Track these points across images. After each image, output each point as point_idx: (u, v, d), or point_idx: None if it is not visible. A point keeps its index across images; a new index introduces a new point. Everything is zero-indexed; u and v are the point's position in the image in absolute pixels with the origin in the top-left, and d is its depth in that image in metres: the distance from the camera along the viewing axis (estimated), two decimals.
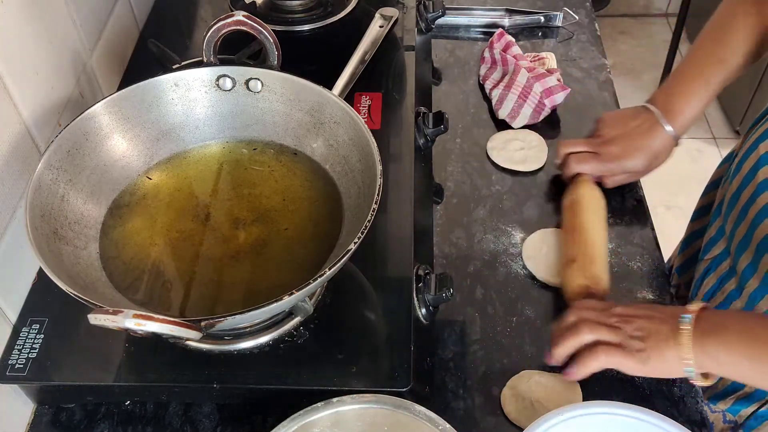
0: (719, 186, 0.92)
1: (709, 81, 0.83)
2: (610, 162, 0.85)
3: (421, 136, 0.87)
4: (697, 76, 0.84)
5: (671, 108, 0.84)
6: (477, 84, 1.05)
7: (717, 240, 0.84)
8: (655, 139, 0.84)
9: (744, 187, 0.78)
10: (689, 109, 0.83)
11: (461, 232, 0.86)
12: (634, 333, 0.67)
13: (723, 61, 0.82)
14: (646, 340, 0.66)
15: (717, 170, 0.98)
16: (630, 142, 0.85)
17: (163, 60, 0.88)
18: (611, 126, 0.87)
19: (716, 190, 0.94)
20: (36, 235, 0.60)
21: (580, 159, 0.85)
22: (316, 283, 0.57)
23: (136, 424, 0.69)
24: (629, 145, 0.84)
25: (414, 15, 1.01)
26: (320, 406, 0.60)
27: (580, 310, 0.71)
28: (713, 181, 0.97)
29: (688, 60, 0.86)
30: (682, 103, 0.84)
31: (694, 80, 0.84)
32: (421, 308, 0.72)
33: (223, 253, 0.69)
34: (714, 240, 0.85)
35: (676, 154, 0.89)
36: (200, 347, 0.68)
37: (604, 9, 2.67)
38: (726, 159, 0.96)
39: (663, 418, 0.60)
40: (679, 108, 0.84)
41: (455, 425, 0.59)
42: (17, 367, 0.66)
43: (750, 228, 0.76)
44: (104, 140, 0.71)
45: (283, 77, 0.74)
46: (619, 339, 0.67)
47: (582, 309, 0.71)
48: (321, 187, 0.72)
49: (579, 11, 1.14)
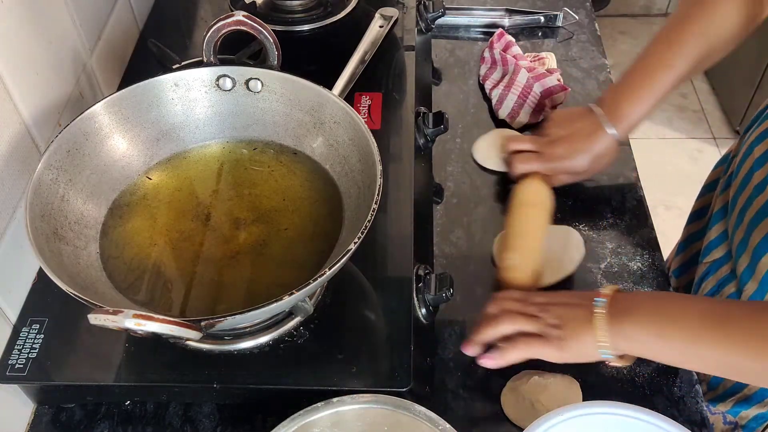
0: (715, 188, 0.92)
1: (656, 86, 0.83)
2: (552, 163, 0.85)
3: (421, 136, 0.87)
4: (645, 80, 0.83)
5: (616, 112, 0.84)
6: (477, 84, 1.05)
7: (718, 244, 0.84)
8: (599, 142, 0.84)
9: (741, 190, 0.78)
10: (634, 114, 0.83)
11: (461, 232, 0.86)
12: (552, 321, 0.68)
13: (671, 67, 0.82)
14: (564, 327, 0.67)
15: (712, 172, 0.98)
16: (573, 144, 0.85)
17: (163, 60, 0.88)
18: (558, 125, 0.87)
19: (712, 192, 0.94)
20: (36, 235, 0.60)
21: (523, 159, 0.86)
22: (316, 283, 0.57)
23: (136, 424, 0.69)
24: (572, 147, 0.85)
25: (414, 15, 1.01)
26: (320, 406, 0.60)
27: (501, 301, 0.72)
28: (708, 184, 0.97)
29: (639, 62, 0.85)
30: (627, 107, 0.83)
31: (642, 85, 0.83)
32: (421, 308, 0.72)
33: (223, 253, 0.69)
34: (714, 243, 0.85)
35: (676, 154, 0.89)
36: (200, 347, 0.68)
37: (604, 9, 2.67)
38: (721, 161, 0.96)
39: (663, 418, 0.60)
40: (623, 112, 0.83)
41: (455, 425, 0.59)
42: (17, 367, 0.66)
43: (747, 231, 0.76)
44: (104, 140, 0.71)
45: (283, 77, 0.74)
46: (537, 328, 0.68)
47: (503, 299, 0.72)
48: (321, 187, 0.72)
49: (579, 11, 1.14)
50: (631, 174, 0.92)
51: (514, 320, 0.69)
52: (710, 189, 0.95)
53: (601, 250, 0.84)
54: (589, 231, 0.86)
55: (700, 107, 2.48)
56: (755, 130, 0.80)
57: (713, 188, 0.94)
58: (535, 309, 0.69)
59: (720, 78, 2.47)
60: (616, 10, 2.76)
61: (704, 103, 2.49)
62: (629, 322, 0.65)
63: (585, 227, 0.86)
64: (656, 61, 0.83)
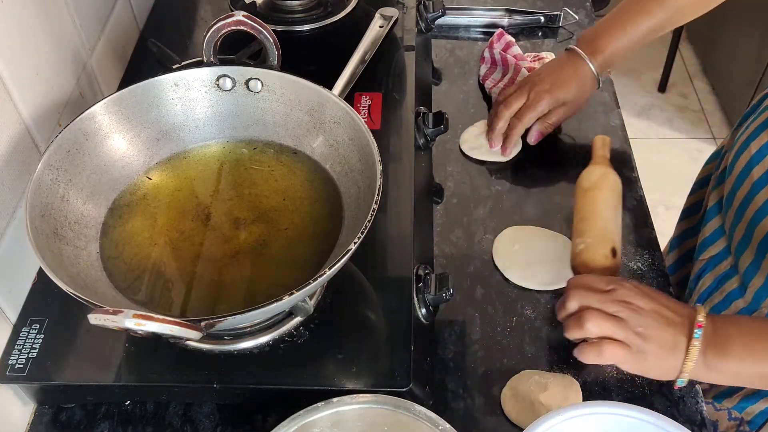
0: (707, 184, 0.92)
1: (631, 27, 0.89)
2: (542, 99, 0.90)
3: (421, 136, 0.87)
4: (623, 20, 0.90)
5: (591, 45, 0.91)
6: (477, 84, 1.05)
7: (714, 240, 0.84)
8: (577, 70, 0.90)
9: (738, 186, 0.78)
10: (608, 48, 0.90)
11: (461, 232, 0.86)
12: (638, 329, 0.65)
13: (649, 12, 0.88)
14: (649, 340, 0.65)
15: (704, 168, 0.98)
16: (557, 76, 0.91)
17: (163, 60, 0.88)
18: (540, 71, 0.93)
19: (704, 188, 0.94)
20: (36, 235, 0.60)
21: (520, 116, 0.91)
22: (316, 283, 0.57)
23: (136, 424, 0.69)
24: (557, 79, 0.91)
25: (414, 15, 1.01)
26: (320, 406, 0.60)
27: (580, 293, 0.68)
28: (700, 180, 0.97)
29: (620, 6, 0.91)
30: (602, 42, 0.90)
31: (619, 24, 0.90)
32: (421, 308, 0.72)
33: (223, 253, 0.69)
34: (710, 240, 0.85)
35: (676, 154, 0.89)
36: (200, 347, 0.68)
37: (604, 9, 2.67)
38: (713, 157, 0.96)
39: (663, 418, 0.60)
40: (598, 45, 0.90)
41: (455, 425, 0.59)
42: (17, 367, 0.66)
43: (749, 227, 0.76)
44: (104, 140, 0.71)
45: (283, 77, 0.74)
46: (623, 335, 0.65)
47: (582, 290, 0.68)
48: (321, 187, 0.72)
49: (579, 11, 1.14)
50: (631, 174, 0.92)
51: (598, 324, 0.65)
52: (702, 185, 0.95)
53: None
54: None
55: (700, 107, 2.48)
56: (750, 126, 0.80)
57: (705, 184, 0.94)
58: (618, 307, 0.66)
59: (720, 78, 2.47)
60: None
61: (704, 103, 2.49)
62: (721, 358, 0.63)
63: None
64: (636, 6, 0.90)
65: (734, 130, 0.88)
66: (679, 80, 2.57)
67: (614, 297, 0.66)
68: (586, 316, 0.66)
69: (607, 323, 0.65)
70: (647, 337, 0.65)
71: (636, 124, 2.36)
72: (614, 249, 0.74)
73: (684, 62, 2.64)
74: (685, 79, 2.59)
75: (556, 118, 0.92)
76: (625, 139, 0.96)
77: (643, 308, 0.66)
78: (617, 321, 0.65)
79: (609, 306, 0.66)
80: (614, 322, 0.65)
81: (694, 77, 2.59)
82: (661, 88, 2.51)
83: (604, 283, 0.68)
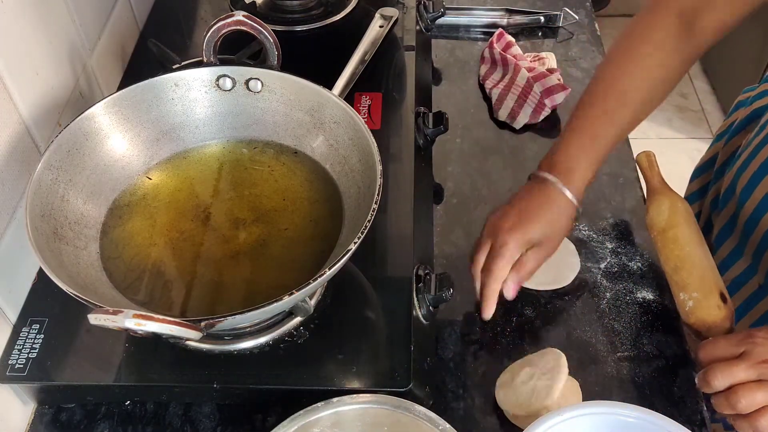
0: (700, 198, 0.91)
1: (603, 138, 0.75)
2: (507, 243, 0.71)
3: (421, 136, 0.87)
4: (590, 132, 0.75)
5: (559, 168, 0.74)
6: (477, 84, 1.05)
7: (731, 263, 0.83)
8: (550, 198, 0.73)
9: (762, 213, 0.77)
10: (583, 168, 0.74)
11: (461, 232, 0.86)
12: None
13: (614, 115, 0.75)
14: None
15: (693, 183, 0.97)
16: (522, 211, 0.73)
17: (163, 60, 0.88)
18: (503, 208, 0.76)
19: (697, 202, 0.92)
20: (36, 235, 0.60)
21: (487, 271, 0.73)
22: (316, 283, 0.57)
23: (136, 424, 0.69)
24: (522, 215, 0.73)
25: (414, 15, 1.01)
26: (320, 406, 0.60)
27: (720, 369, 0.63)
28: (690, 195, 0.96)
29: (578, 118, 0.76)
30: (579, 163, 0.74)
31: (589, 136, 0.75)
32: (421, 308, 0.72)
33: (223, 253, 0.69)
34: (727, 263, 0.83)
35: (675, 154, 0.89)
36: (200, 347, 0.68)
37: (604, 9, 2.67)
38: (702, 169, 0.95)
39: (663, 418, 0.60)
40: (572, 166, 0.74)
41: (455, 425, 0.59)
42: (17, 367, 0.66)
43: None
44: (104, 140, 0.71)
45: (283, 77, 0.74)
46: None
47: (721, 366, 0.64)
48: (321, 187, 0.72)
49: (579, 11, 1.14)
50: (631, 174, 0.92)
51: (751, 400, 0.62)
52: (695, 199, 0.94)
53: (601, 250, 0.84)
54: (589, 231, 0.86)
55: (700, 107, 2.48)
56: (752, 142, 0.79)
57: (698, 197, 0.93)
58: (763, 370, 0.62)
59: (720, 78, 2.47)
60: (616, 10, 2.75)
61: (704, 103, 2.49)
62: None
63: (585, 227, 0.86)
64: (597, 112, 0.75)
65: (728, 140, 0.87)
66: None
67: (753, 359, 0.63)
68: (737, 396, 0.62)
69: (757, 396, 0.62)
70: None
71: None
72: (723, 295, 0.71)
73: None
74: (685, 79, 2.59)
75: (531, 264, 0.73)
76: (625, 140, 0.96)
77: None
78: (763, 386, 0.62)
79: (752, 373, 0.63)
80: (764, 390, 0.62)
81: (694, 77, 2.59)
82: None
83: (735, 346, 0.65)
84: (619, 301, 0.79)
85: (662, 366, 0.74)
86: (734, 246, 0.82)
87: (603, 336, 0.76)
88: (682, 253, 0.73)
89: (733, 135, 0.89)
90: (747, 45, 2.19)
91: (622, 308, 0.79)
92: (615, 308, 0.79)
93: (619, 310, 0.78)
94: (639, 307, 0.79)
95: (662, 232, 0.75)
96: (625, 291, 0.80)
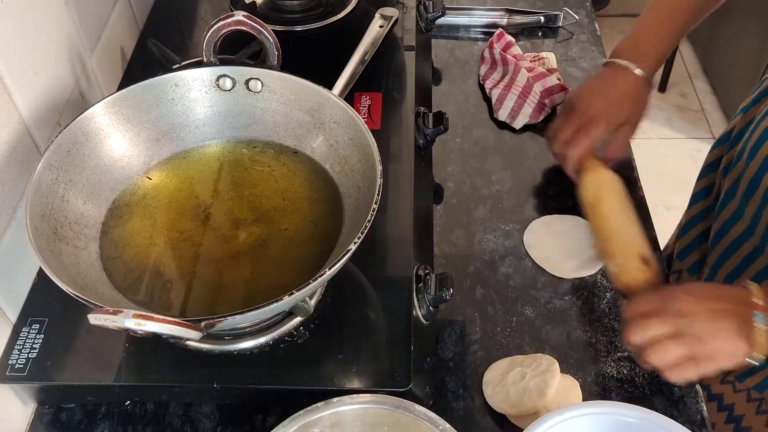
0: (718, 167, 0.91)
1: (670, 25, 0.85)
2: (597, 126, 0.82)
3: (421, 136, 0.87)
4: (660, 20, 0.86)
5: (638, 53, 0.84)
6: (477, 84, 1.05)
7: (732, 224, 0.83)
8: (630, 85, 0.83)
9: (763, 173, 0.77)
10: (656, 51, 0.85)
11: (461, 232, 0.86)
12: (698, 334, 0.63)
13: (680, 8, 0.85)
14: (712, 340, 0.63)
15: (711, 153, 0.97)
16: (608, 95, 0.84)
17: (163, 60, 0.88)
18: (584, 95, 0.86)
19: (715, 171, 0.92)
20: (36, 235, 0.60)
21: (574, 144, 0.83)
22: (316, 283, 0.57)
23: (136, 424, 0.69)
24: (609, 98, 0.83)
25: (414, 15, 1.01)
26: (320, 406, 0.60)
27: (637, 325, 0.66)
28: (709, 164, 0.97)
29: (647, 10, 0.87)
30: (648, 47, 0.85)
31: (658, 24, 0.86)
32: (421, 308, 0.72)
33: (223, 253, 0.69)
34: (728, 225, 0.84)
35: (676, 154, 0.89)
36: (200, 347, 0.68)
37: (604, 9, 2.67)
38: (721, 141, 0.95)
39: (663, 418, 0.60)
40: (644, 51, 0.84)
41: (455, 425, 0.59)
42: (17, 367, 0.66)
43: None
44: (104, 140, 0.71)
45: (283, 77, 0.74)
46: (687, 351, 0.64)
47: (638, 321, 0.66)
48: (321, 187, 0.72)
49: (579, 11, 1.14)
50: (631, 174, 0.92)
51: (662, 356, 0.64)
52: (713, 168, 0.94)
53: None
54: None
55: (700, 107, 2.48)
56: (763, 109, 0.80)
57: (716, 167, 0.93)
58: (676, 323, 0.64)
59: (720, 78, 2.47)
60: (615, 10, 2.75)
61: (704, 103, 2.49)
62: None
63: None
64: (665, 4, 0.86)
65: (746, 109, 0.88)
66: (679, 80, 2.57)
67: (668, 315, 0.65)
68: (650, 351, 0.65)
69: (670, 350, 0.64)
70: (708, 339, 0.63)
71: None
72: (644, 258, 0.73)
73: (684, 62, 2.64)
74: (685, 79, 2.59)
75: (623, 139, 0.84)
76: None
77: (694, 310, 0.65)
78: (679, 340, 0.64)
79: (667, 328, 0.65)
80: (676, 344, 0.64)
81: (694, 77, 2.59)
82: (661, 87, 2.51)
83: (654, 303, 0.67)
84: (619, 301, 0.79)
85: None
86: (735, 209, 0.83)
87: (603, 336, 0.76)
88: (606, 224, 0.77)
89: (752, 105, 0.89)
90: (747, 45, 2.19)
91: (622, 308, 0.78)
92: (615, 308, 0.79)
93: (619, 310, 0.78)
94: None
95: (590, 206, 0.79)
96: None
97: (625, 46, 0.86)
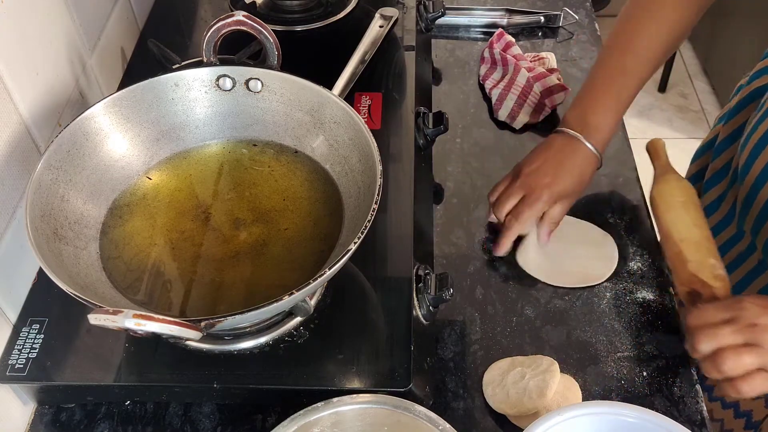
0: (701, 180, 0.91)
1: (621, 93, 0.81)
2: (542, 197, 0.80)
3: (421, 136, 0.87)
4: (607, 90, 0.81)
5: (587, 127, 0.81)
6: (477, 84, 1.05)
7: (735, 242, 0.83)
8: (577, 154, 0.81)
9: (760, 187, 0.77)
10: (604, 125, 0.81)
11: (461, 232, 0.86)
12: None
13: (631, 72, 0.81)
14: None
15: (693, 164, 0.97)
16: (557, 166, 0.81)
17: (163, 60, 0.88)
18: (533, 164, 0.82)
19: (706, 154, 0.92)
20: (36, 235, 0.60)
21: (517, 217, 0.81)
22: (316, 283, 0.57)
23: (136, 424, 0.69)
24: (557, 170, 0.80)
25: (414, 15, 1.01)
26: (320, 406, 0.60)
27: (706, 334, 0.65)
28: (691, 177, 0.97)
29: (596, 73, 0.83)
30: (596, 119, 0.81)
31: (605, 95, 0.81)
32: (421, 308, 0.72)
33: (224, 253, 0.69)
34: (730, 243, 0.84)
35: (675, 154, 0.89)
36: (200, 347, 0.68)
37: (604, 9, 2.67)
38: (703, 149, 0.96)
39: (663, 418, 0.60)
40: (593, 124, 0.81)
41: (455, 425, 0.59)
42: (17, 367, 0.66)
43: None
44: (104, 140, 0.71)
45: (283, 77, 0.74)
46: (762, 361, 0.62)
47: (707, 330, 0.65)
48: (321, 187, 0.72)
49: (579, 11, 1.14)
50: (631, 174, 0.92)
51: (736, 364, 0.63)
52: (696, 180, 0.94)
53: None
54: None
55: (700, 107, 2.48)
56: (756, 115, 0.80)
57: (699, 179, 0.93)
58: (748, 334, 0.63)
59: (720, 78, 2.47)
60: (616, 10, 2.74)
61: (704, 103, 2.49)
62: None
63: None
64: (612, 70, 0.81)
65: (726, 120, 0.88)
66: (679, 80, 2.57)
67: (740, 324, 0.64)
68: (722, 359, 0.63)
69: (743, 359, 0.63)
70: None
71: (636, 124, 2.36)
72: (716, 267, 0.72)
73: (684, 62, 2.64)
74: (685, 79, 2.59)
75: (558, 214, 0.81)
76: (625, 139, 0.96)
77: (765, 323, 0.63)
78: (752, 349, 0.63)
79: (739, 337, 0.64)
80: (750, 354, 0.63)
81: (694, 77, 2.59)
82: (661, 88, 2.51)
83: (722, 311, 0.66)
84: (619, 301, 0.79)
85: (662, 366, 0.74)
86: (720, 219, 0.83)
87: (603, 336, 0.76)
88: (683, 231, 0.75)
89: (733, 115, 0.89)
90: (747, 45, 2.19)
91: (622, 308, 0.79)
92: (615, 308, 0.79)
93: (619, 310, 0.78)
94: (639, 307, 0.79)
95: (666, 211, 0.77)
96: (625, 291, 0.80)
97: (574, 114, 0.83)
